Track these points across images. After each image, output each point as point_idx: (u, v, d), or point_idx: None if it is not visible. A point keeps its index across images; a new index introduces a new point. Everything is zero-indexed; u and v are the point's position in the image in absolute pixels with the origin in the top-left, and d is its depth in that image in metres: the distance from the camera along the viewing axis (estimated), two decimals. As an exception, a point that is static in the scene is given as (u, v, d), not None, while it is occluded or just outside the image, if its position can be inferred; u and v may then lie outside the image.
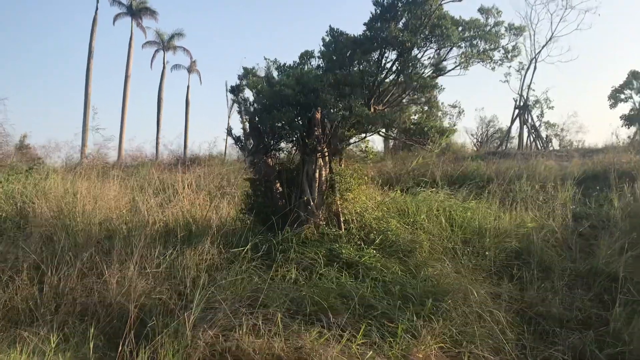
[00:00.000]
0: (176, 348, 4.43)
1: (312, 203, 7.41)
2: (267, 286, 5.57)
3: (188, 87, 50.59)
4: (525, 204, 9.75)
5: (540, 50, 25.95)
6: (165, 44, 49.11)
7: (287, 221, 7.25)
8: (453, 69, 8.29)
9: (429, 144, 7.97)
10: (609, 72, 65.95)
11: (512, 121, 24.61)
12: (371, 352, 4.20)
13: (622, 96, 26.47)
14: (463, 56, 8.12)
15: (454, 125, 30.12)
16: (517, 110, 24.09)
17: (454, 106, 31.17)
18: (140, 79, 62.00)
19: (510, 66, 27.17)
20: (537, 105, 28.44)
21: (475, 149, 25.81)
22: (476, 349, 4.79)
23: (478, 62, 8.52)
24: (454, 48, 8.21)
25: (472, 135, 30.96)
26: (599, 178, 12.27)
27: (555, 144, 29.43)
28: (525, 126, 25.14)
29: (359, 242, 6.99)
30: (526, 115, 24.60)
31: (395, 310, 5.17)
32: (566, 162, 16.89)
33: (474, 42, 8.06)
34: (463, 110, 30.45)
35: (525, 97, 24.14)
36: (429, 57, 8.30)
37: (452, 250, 7.38)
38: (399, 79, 7.63)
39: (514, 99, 24.34)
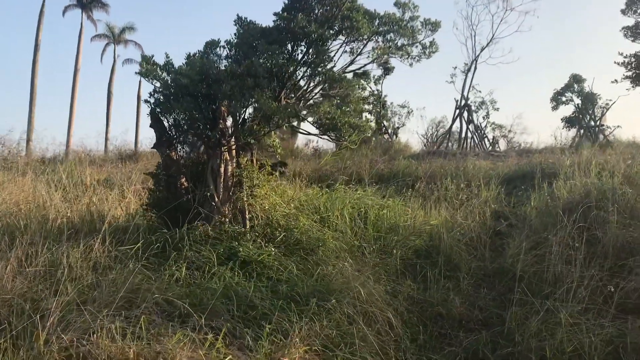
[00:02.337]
0: (24, 354, 4.05)
1: (216, 199, 7.10)
2: (148, 286, 5.23)
3: (140, 82, 49.26)
4: (445, 203, 9.69)
5: (481, 51, 26.24)
6: (115, 37, 47.77)
7: (196, 219, 6.93)
8: (368, 64, 8.14)
9: (342, 140, 7.77)
10: (551, 74, 67.78)
11: (453, 121, 24.87)
12: (230, 357, 3.92)
13: (564, 99, 27.00)
14: (378, 50, 7.97)
15: (402, 125, 30.64)
16: (457, 110, 24.30)
17: (403, 106, 31.57)
18: (90, 74, 60.11)
19: (456, 67, 27.58)
20: (483, 107, 28.87)
21: (425, 149, 25.93)
22: (355, 352, 4.58)
23: (394, 57, 8.40)
24: (370, 42, 8.07)
25: (422, 136, 31.23)
26: (527, 177, 12.35)
27: (503, 145, 29.97)
28: (469, 127, 25.40)
29: (260, 240, 6.71)
30: (469, 116, 24.84)
31: (276, 310, 4.92)
32: (502, 162, 17.05)
33: (388, 36, 7.91)
34: (412, 111, 30.77)
35: (465, 98, 24.38)
36: (347, 51, 8.13)
37: (359, 248, 7.20)
38: (309, 73, 7.40)
39: (455, 99, 24.61)
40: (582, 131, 26.51)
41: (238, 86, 6.53)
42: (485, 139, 28.48)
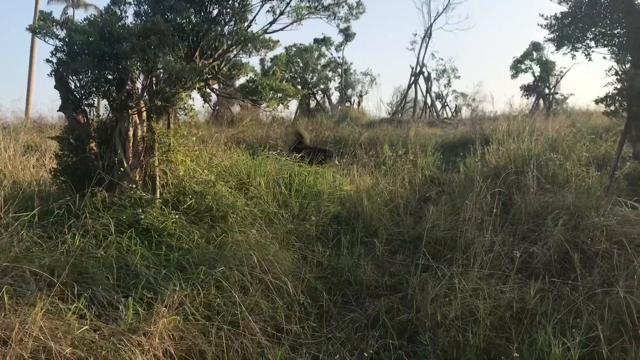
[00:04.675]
0: None
1: (125, 164, 6.79)
2: (32, 256, 4.96)
3: (33, 40, 46.53)
4: (379, 169, 9.55)
5: (437, 17, 25.81)
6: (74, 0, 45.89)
7: (101, 185, 6.62)
8: (291, 24, 7.80)
9: (262, 104, 7.51)
10: (510, 42, 67.71)
11: (408, 88, 24.64)
12: (87, 327, 3.72)
13: (523, 67, 26.97)
14: (300, 9, 7.64)
15: (366, 93, 30.38)
16: (412, 78, 24.08)
17: (366, 74, 31.27)
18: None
19: (416, 34, 27.32)
20: (445, 75, 28.74)
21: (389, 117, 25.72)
22: (238, 320, 4.42)
23: (321, 17, 8.10)
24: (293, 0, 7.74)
25: (387, 104, 30.97)
26: (468, 144, 12.27)
27: (467, 113, 29.89)
28: (429, 95, 25.26)
29: (168, 208, 6.46)
30: (428, 84, 24.67)
31: (160, 279, 4.71)
32: (453, 129, 17.00)
33: (311, -5, 7.60)
34: (375, 78, 30.50)
35: (421, 65, 24.13)
36: (269, 11, 7.80)
37: (275, 214, 7.02)
38: (225, 32, 7.07)
39: (410, 66, 24.36)
40: (540, 99, 26.62)
41: (140, 45, 6.17)
42: (447, 107, 28.50)
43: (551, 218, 6.28)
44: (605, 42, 7.62)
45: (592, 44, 7.72)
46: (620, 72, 7.23)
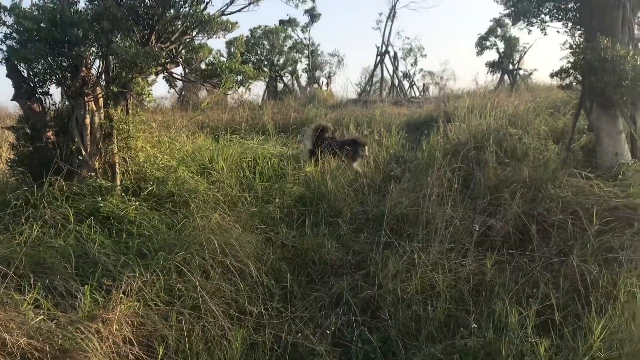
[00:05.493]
0: None
1: (83, 153, 6.68)
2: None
3: None
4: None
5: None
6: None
7: (59, 174, 6.50)
8: (247, 5, 7.70)
9: (221, 86, 7.44)
10: (475, 18, 67.65)
11: (375, 68, 24.64)
12: (42, 317, 3.68)
13: (488, 43, 27.14)
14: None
15: (333, 74, 30.27)
16: (378, 57, 24.09)
17: (333, 55, 31.12)
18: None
19: (381, 13, 27.26)
20: (411, 54, 28.77)
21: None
22: (198, 304, 4.43)
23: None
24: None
25: (355, 85, 30.86)
26: (433, 122, 12.37)
27: (436, 92, 29.95)
28: (395, 74, 25.28)
29: (129, 195, 6.39)
30: (395, 63, 24.68)
31: (119, 266, 4.69)
32: (419, 108, 17.09)
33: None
34: (343, 59, 30.39)
35: (386, 44, 24.11)
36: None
37: (239, 198, 7.00)
38: (180, 15, 6.95)
39: (376, 45, 24.34)
40: (505, 76, 26.88)
41: (93, 30, 6.04)
42: (415, 87, 28.59)
43: (509, 191, 6.40)
44: (560, 17, 7.74)
45: (547, 18, 7.84)
46: (574, 46, 7.36)
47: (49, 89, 6.79)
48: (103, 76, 6.85)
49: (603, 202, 6.13)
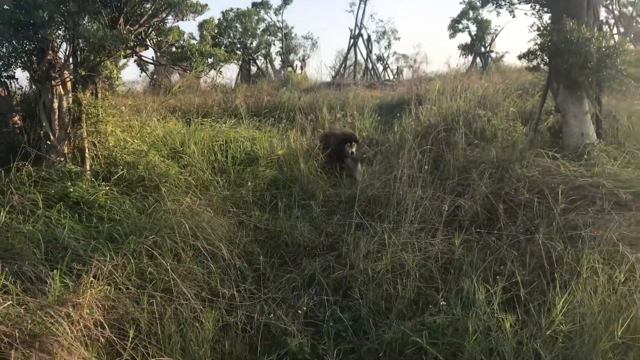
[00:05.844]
0: None
1: (51, 137, 6.59)
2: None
3: None
4: (317, 133, 9.61)
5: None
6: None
7: (27, 159, 6.40)
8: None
9: (192, 69, 7.38)
10: (448, 2, 67.49)
11: (348, 51, 24.65)
12: (10, 302, 3.66)
13: (460, 26, 27.29)
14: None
15: (307, 57, 30.15)
16: (352, 40, 24.08)
17: (307, 38, 30.98)
18: None
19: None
20: (385, 37, 28.80)
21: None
22: (170, 287, 4.44)
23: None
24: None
25: (330, 68, 30.80)
26: (405, 105, 12.46)
27: (409, 75, 30.08)
28: (369, 57, 25.32)
29: (99, 180, 6.33)
30: (368, 46, 24.71)
31: (89, 251, 4.67)
32: (392, 91, 17.18)
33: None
34: (316, 42, 30.33)
35: (359, 27, 24.11)
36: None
37: (210, 182, 6.99)
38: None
39: (349, 28, 24.31)
40: (477, 58, 27.12)
41: (58, 12, 5.92)
42: (388, 69, 28.66)
43: (478, 172, 6.52)
44: (527, -1, 7.84)
45: (515, 0, 7.93)
46: (541, 28, 7.47)
47: (14, 72, 6.66)
48: (71, 59, 6.74)
49: (569, 181, 6.29)
